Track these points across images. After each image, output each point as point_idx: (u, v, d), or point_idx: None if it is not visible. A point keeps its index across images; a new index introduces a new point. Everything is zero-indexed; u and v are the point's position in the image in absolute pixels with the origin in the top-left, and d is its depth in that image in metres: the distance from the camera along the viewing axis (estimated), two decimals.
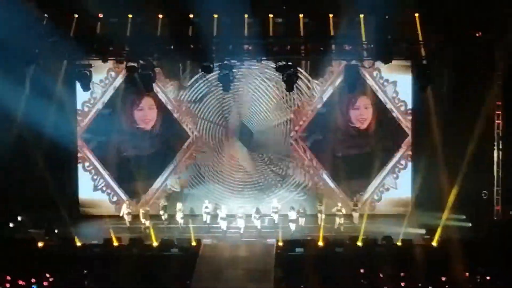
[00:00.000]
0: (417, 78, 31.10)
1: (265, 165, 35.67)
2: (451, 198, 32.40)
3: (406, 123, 35.32)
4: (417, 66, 30.58)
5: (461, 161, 33.17)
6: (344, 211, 33.17)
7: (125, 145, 35.72)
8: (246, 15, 29.29)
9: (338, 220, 32.92)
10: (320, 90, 35.16)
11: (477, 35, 30.85)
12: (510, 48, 31.89)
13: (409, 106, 35.13)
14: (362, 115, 35.41)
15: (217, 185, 35.61)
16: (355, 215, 33.74)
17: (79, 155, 35.58)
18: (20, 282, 26.35)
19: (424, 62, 29.68)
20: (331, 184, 35.71)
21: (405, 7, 28.64)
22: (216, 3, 27.45)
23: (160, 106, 35.46)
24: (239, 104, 35.30)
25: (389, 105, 35.20)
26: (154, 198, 35.49)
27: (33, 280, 26.51)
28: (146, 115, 35.58)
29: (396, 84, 35.10)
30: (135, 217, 33.75)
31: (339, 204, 33.44)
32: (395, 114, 35.22)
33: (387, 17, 28.82)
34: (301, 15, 29.98)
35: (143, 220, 32.87)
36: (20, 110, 31.52)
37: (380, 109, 35.34)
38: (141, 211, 33.21)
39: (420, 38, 29.57)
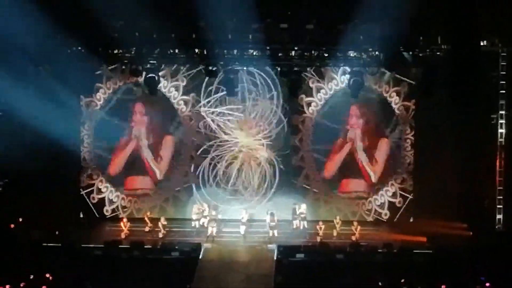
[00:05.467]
0: (422, 85, 31.19)
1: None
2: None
3: (407, 132, 35.16)
4: (423, 74, 30.67)
5: (463, 170, 33.29)
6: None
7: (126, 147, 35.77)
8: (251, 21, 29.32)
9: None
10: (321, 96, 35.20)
11: (482, 44, 30.95)
12: None
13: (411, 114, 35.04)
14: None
15: (218, 188, 35.63)
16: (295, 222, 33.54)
17: (82, 157, 35.59)
18: (21, 283, 26.32)
19: (430, 70, 29.81)
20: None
21: (411, 16, 28.61)
22: (222, 8, 27.44)
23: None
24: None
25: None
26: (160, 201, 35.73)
27: (33, 281, 26.51)
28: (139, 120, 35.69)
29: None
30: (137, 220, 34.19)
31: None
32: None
33: (393, 25, 28.78)
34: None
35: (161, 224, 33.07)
36: (24, 111, 31.54)
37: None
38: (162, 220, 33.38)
39: (427, 47, 29.72)
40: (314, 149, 35.44)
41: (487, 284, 26.58)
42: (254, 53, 30.26)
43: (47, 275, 26.89)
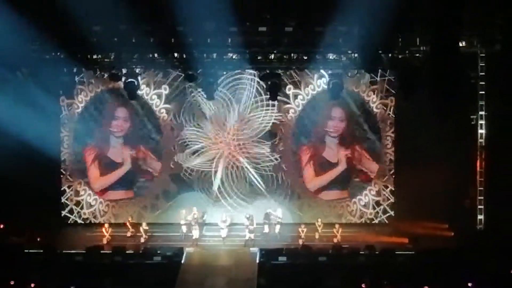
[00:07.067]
0: (401, 87, 31.28)
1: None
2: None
3: (387, 133, 35.31)
4: (402, 76, 30.74)
5: (444, 170, 33.37)
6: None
7: (107, 151, 35.69)
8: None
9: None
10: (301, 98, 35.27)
11: (461, 45, 31.02)
12: (493, 58, 32.14)
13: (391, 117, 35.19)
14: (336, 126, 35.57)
15: (203, 193, 35.61)
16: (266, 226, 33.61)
17: (62, 162, 35.48)
18: None
19: (409, 71, 29.87)
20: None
21: (389, 18, 28.66)
22: (200, 11, 27.38)
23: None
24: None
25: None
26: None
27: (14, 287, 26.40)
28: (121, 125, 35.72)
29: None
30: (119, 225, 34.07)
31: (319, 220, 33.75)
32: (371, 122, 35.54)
33: (372, 27, 28.81)
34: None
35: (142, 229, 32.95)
36: (2, 115, 31.35)
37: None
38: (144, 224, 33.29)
39: (405, 48, 29.80)
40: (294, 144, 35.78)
41: (469, 284, 26.67)
42: (234, 57, 30.26)
43: (29, 282, 26.75)
